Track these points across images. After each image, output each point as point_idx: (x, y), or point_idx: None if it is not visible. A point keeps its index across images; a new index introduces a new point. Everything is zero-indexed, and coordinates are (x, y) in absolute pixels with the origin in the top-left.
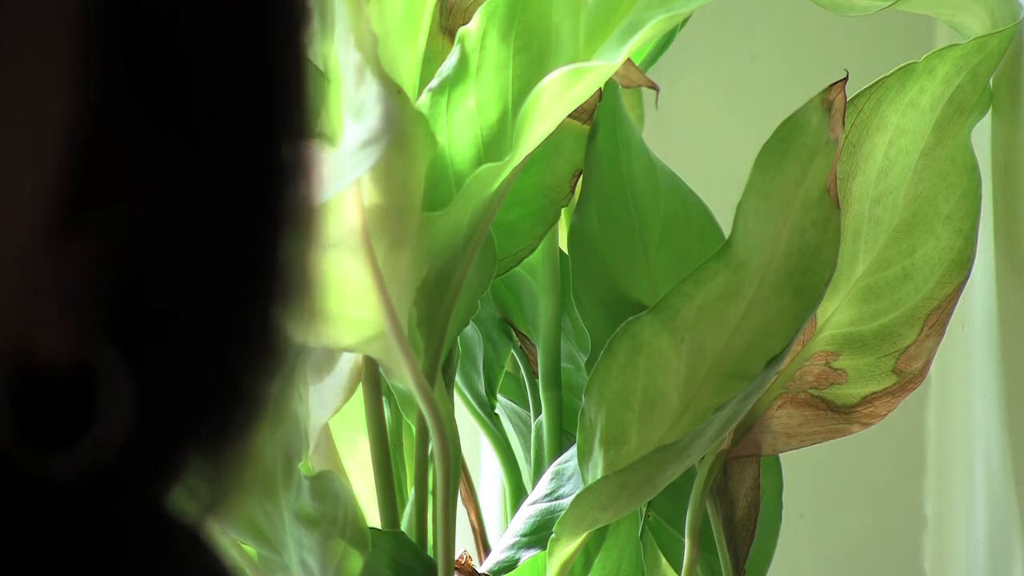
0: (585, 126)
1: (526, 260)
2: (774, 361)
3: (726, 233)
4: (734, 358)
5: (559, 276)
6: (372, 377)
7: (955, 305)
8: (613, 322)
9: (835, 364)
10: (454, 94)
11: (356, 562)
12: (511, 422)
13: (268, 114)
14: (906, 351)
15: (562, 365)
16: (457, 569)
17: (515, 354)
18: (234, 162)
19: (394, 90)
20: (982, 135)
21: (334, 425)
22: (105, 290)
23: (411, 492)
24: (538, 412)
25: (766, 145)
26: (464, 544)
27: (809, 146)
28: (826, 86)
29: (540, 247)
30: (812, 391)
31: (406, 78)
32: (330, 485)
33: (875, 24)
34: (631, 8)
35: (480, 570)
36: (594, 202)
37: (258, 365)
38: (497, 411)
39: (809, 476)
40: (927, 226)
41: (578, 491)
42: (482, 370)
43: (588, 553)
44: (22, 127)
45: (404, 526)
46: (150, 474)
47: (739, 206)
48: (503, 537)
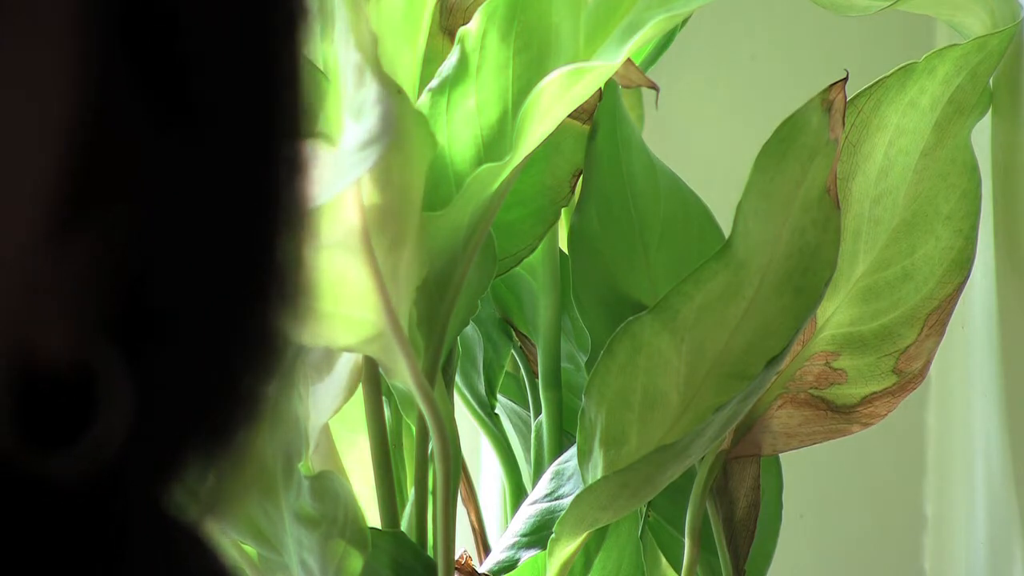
0: (585, 126)
1: (526, 260)
2: (774, 361)
3: (726, 233)
4: (734, 358)
5: (559, 276)
6: (372, 377)
7: (955, 305)
8: (613, 322)
9: (835, 364)
10: (454, 94)
11: (356, 562)
12: (511, 422)
13: (267, 114)
14: (906, 351)
15: (562, 365)
16: (457, 569)
17: (515, 354)
18: (233, 162)
19: (394, 90)
20: (982, 135)
21: (334, 425)
22: (105, 290)
23: (411, 492)
24: (538, 412)
25: (766, 145)
26: (464, 544)
27: (809, 146)
28: (826, 86)
29: (540, 247)
30: (812, 391)
31: (406, 78)
32: (330, 485)
33: (875, 24)
34: (631, 8)
35: (480, 570)
36: (594, 202)
37: (257, 365)
38: (497, 411)
39: (809, 476)
40: (927, 226)
41: (578, 491)
42: (482, 370)
43: (588, 553)
44: (23, 126)
45: (404, 526)
46: (150, 474)
47: (739, 206)
48: (503, 537)
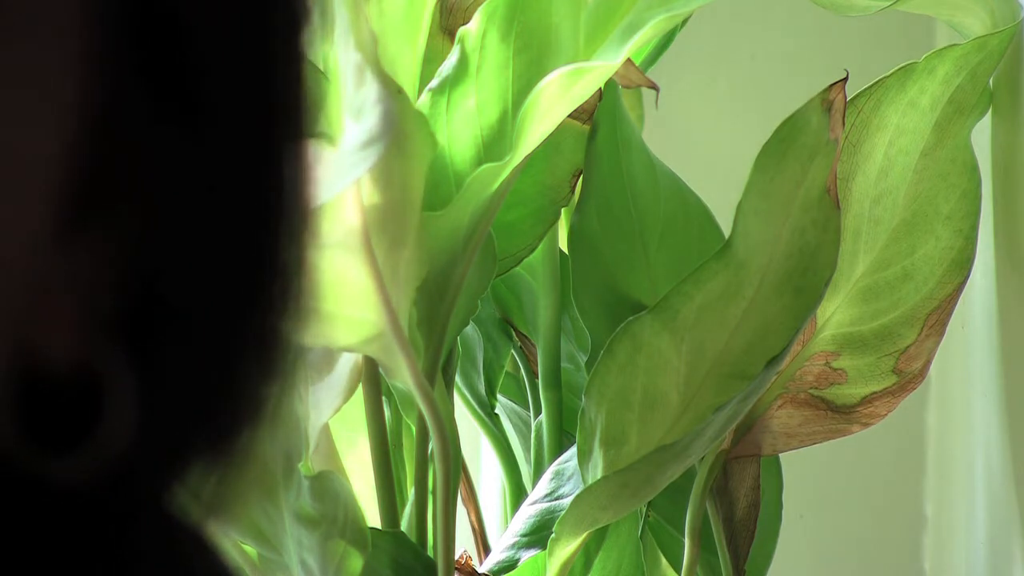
0: (585, 126)
1: (526, 260)
2: (774, 361)
3: (726, 233)
4: (734, 358)
5: (559, 276)
6: (372, 377)
7: (955, 305)
8: (613, 322)
9: (835, 364)
10: (454, 94)
11: (356, 562)
12: (511, 422)
13: (271, 114)
14: (906, 351)
15: (562, 365)
16: (457, 569)
17: (515, 354)
18: (238, 162)
19: (394, 90)
20: (982, 135)
21: (334, 425)
22: (111, 291)
23: (411, 492)
24: (538, 412)
25: (766, 145)
26: (464, 544)
27: (809, 146)
28: (826, 86)
29: (540, 247)
30: (812, 391)
31: (406, 78)
32: (330, 485)
33: (875, 24)
34: (631, 8)
35: (480, 570)
36: (594, 202)
37: (261, 366)
38: (497, 411)
39: (809, 476)
40: (927, 226)
41: (578, 491)
42: (482, 370)
43: (588, 553)
44: (29, 126)
45: (404, 526)
46: (153, 475)
47: (739, 206)
48: (503, 537)
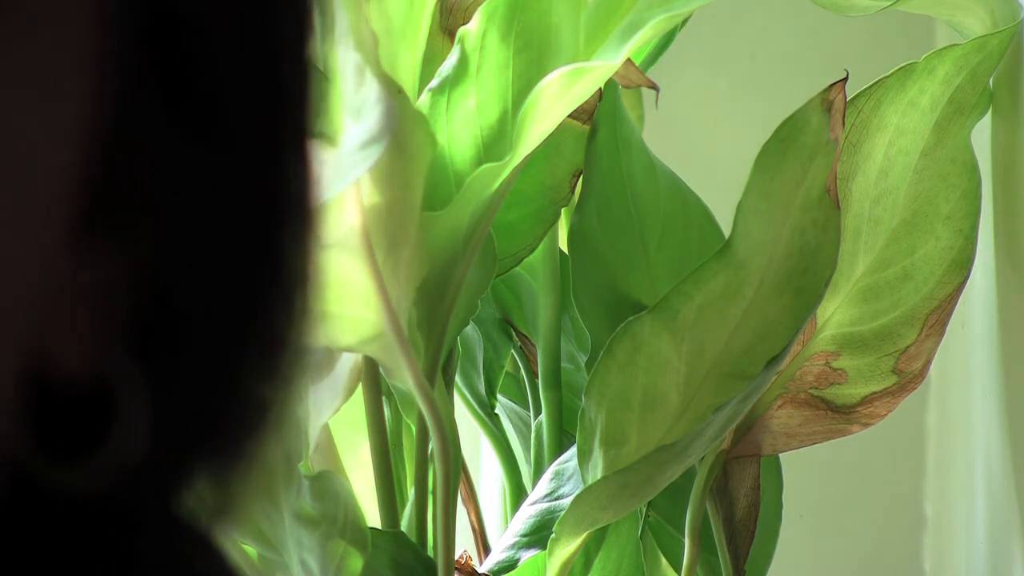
0: (585, 126)
1: (526, 260)
2: (774, 361)
3: (726, 233)
4: (734, 358)
5: (559, 276)
6: (372, 377)
7: (955, 305)
8: (613, 322)
9: (835, 364)
10: (454, 94)
11: (356, 562)
12: (511, 422)
13: (279, 117)
14: (906, 351)
15: (562, 365)
16: (457, 569)
17: (515, 354)
18: (247, 166)
19: (394, 90)
20: (982, 135)
21: (334, 425)
22: (125, 300)
23: (411, 492)
24: (538, 412)
25: (766, 145)
26: (464, 544)
27: (809, 146)
28: (826, 86)
29: (540, 247)
30: (812, 391)
31: (406, 78)
32: (330, 485)
33: (875, 24)
34: (631, 8)
35: (480, 570)
36: (594, 202)
37: (270, 373)
38: (497, 411)
39: (809, 476)
40: (927, 226)
41: (578, 491)
42: (482, 370)
43: (588, 553)
44: (43, 136)
45: (404, 526)
46: (160, 481)
47: (739, 206)
48: (503, 537)
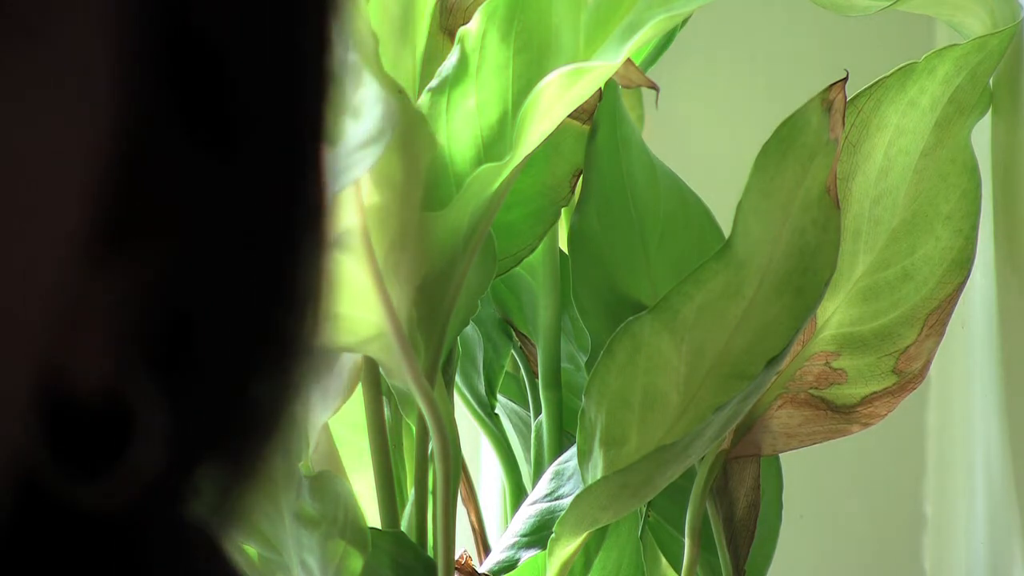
0: (585, 126)
1: (526, 260)
2: (774, 361)
3: (726, 233)
4: (734, 358)
5: (559, 276)
6: (372, 377)
7: (955, 305)
8: (613, 322)
9: (835, 364)
10: (454, 94)
11: (356, 562)
12: (511, 422)
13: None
14: (906, 351)
15: (562, 365)
16: (457, 569)
17: (515, 354)
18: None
19: (394, 90)
20: (982, 135)
21: (334, 425)
22: (142, 315)
23: (411, 492)
24: (538, 412)
25: (766, 145)
26: (464, 544)
27: (809, 146)
28: (826, 86)
29: (540, 247)
30: (812, 391)
31: (406, 78)
32: (330, 485)
33: (875, 24)
34: (631, 8)
35: (480, 570)
36: (594, 202)
37: (283, 384)
38: (497, 411)
39: (809, 476)
40: (927, 226)
41: (578, 491)
42: (482, 370)
43: (588, 553)
44: (63, 152)
45: (404, 526)
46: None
47: (739, 206)
48: (503, 537)
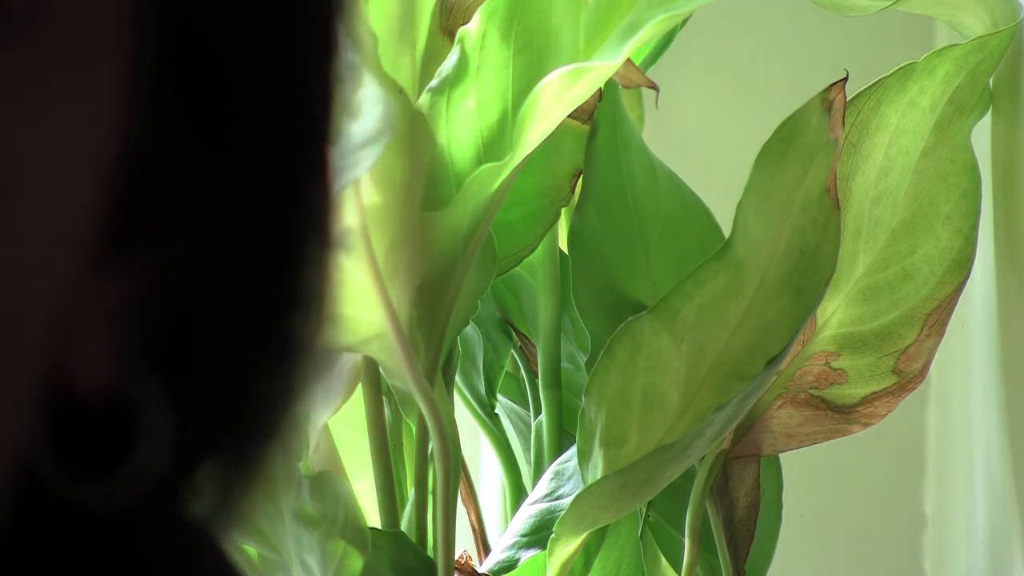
0: (585, 126)
1: (526, 260)
2: (774, 361)
3: (726, 233)
4: (734, 358)
5: (559, 276)
6: (372, 377)
7: (955, 305)
8: (613, 322)
9: (835, 364)
10: (454, 94)
11: (356, 562)
12: (511, 422)
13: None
14: (906, 351)
15: (562, 365)
16: (457, 569)
17: (515, 354)
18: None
19: (394, 90)
20: (982, 135)
21: (334, 425)
22: (146, 316)
23: (411, 492)
24: (538, 412)
25: (766, 145)
26: (464, 544)
27: (809, 146)
28: (826, 86)
29: (540, 247)
30: (812, 391)
31: (406, 78)
32: (330, 485)
33: (875, 24)
34: (631, 8)
35: (480, 570)
36: (594, 202)
37: (285, 385)
38: (497, 411)
39: (809, 476)
40: (927, 226)
41: (578, 491)
42: (482, 370)
43: (588, 553)
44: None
45: (404, 526)
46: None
47: (739, 206)
48: (503, 537)
